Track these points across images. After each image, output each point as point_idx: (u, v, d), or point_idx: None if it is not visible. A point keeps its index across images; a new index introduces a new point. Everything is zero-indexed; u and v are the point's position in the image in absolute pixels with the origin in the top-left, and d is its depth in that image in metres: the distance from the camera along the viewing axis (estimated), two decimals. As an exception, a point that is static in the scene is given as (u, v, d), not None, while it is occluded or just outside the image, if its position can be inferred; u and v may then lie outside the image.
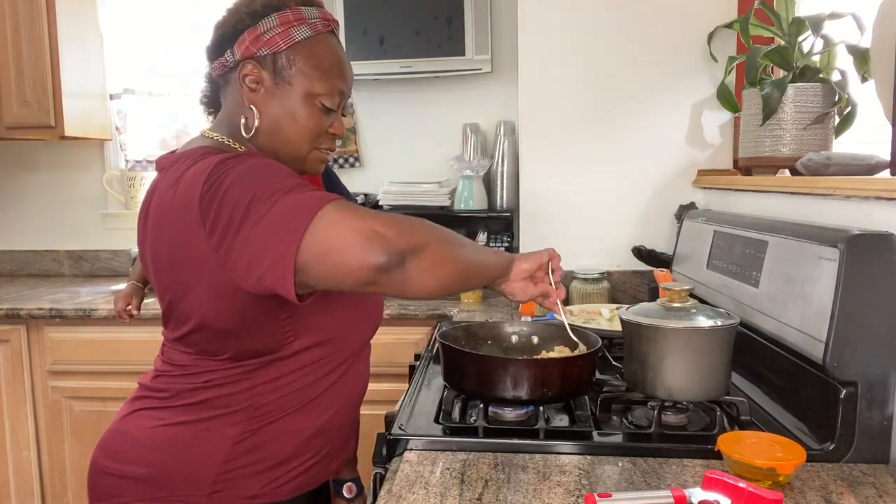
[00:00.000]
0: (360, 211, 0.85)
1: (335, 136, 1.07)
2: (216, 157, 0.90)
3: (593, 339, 1.17)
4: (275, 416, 1.01)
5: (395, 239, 0.83)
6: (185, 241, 0.91)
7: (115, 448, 1.04)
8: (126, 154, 2.78)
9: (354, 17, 2.38)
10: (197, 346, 1.00)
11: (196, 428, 0.99)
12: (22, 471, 2.26)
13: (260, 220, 0.83)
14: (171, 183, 0.94)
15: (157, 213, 0.97)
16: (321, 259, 0.81)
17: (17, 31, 2.40)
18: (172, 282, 0.98)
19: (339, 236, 0.81)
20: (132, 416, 1.05)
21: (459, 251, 0.95)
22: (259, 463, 1.00)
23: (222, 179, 0.87)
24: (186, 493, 0.99)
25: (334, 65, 1.03)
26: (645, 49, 1.99)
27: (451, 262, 0.93)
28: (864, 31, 1.45)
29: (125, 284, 1.79)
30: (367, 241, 0.81)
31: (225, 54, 1.02)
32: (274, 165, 0.92)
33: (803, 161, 1.39)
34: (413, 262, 0.86)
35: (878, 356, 0.96)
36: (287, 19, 1.00)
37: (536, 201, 2.09)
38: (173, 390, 1.02)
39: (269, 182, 0.86)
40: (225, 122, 1.05)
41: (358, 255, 0.80)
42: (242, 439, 0.99)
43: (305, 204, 0.83)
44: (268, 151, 1.03)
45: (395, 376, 1.86)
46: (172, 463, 0.99)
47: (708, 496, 0.78)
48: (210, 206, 0.87)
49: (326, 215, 0.82)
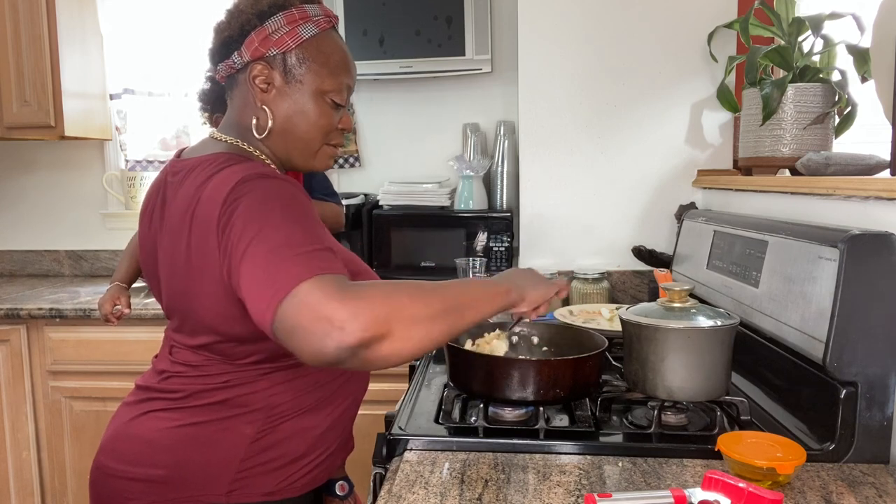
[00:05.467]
0: (334, 292, 0.78)
1: (344, 130, 1.09)
2: (238, 174, 0.91)
3: (599, 339, 1.17)
4: (291, 414, 1.02)
5: (355, 331, 0.76)
6: (203, 252, 0.92)
7: (125, 451, 1.03)
8: (126, 154, 2.78)
9: (354, 17, 2.38)
10: (222, 353, 1.00)
11: (214, 428, 0.99)
12: (22, 471, 2.26)
13: (253, 263, 0.83)
14: (192, 190, 0.95)
15: (177, 218, 0.98)
16: (288, 335, 0.79)
17: (17, 31, 2.40)
18: (187, 288, 0.98)
19: (303, 321, 0.77)
20: (142, 419, 1.03)
21: (439, 316, 0.85)
22: (275, 460, 1.01)
23: (237, 203, 0.88)
24: (204, 493, 0.99)
25: (341, 61, 1.05)
26: (645, 49, 1.99)
27: (427, 329, 0.84)
28: (864, 31, 1.45)
29: (107, 288, 1.75)
30: (325, 335, 0.76)
31: (231, 56, 1.02)
32: (286, 197, 0.90)
33: (803, 161, 1.39)
34: (380, 344, 0.79)
35: (878, 356, 0.96)
36: (293, 18, 1.01)
37: (536, 201, 2.09)
38: (188, 391, 1.01)
39: (274, 221, 0.86)
40: (234, 123, 1.06)
41: (316, 346, 0.77)
42: (259, 437, 1.00)
43: (288, 273, 0.80)
44: (279, 150, 1.05)
45: (396, 376, 1.86)
46: (189, 463, 0.99)
47: (708, 496, 0.78)
48: (225, 227, 0.88)
49: (300, 293, 0.78)
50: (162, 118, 2.77)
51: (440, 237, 2.33)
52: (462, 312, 0.88)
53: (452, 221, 2.34)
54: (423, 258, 2.34)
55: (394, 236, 2.35)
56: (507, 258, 2.29)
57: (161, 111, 2.76)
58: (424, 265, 2.34)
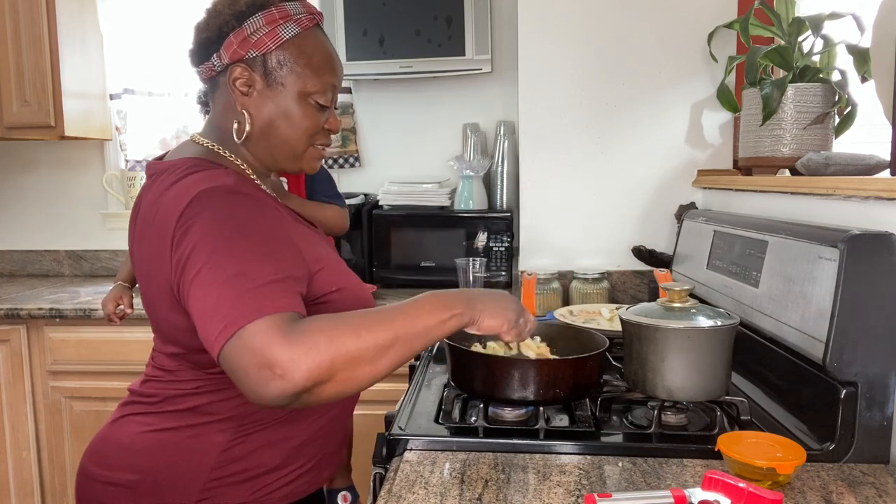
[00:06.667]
0: (277, 337, 0.76)
1: (330, 131, 1.06)
2: (197, 185, 0.89)
3: (600, 339, 1.17)
4: (264, 423, 1.00)
5: (296, 380, 0.75)
6: (159, 262, 0.91)
7: (103, 454, 1.03)
8: (126, 154, 2.78)
9: (354, 17, 2.38)
10: (190, 361, 0.98)
11: (184, 434, 0.98)
12: (22, 471, 2.26)
13: (203, 292, 0.81)
14: (156, 196, 0.94)
15: (143, 224, 0.97)
16: (232, 374, 0.79)
17: (17, 31, 2.40)
18: (149, 294, 0.98)
19: (244, 366, 0.76)
20: (121, 422, 1.04)
21: (385, 350, 0.82)
22: (248, 471, 0.99)
23: (193, 221, 0.86)
24: (173, 501, 0.97)
25: (324, 61, 1.01)
26: (645, 49, 1.99)
27: (372, 366, 0.82)
28: (864, 31, 1.45)
29: (111, 287, 1.77)
30: (267, 382, 0.75)
31: (211, 58, 1.00)
32: (245, 217, 0.88)
33: (803, 161, 1.39)
34: (322, 387, 0.78)
35: (878, 356, 0.96)
36: (273, 18, 0.97)
37: (536, 201, 2.09)
38: (161, 395, 1.00)
39: (227, 247, 0.83)
40: (214, 126, 1.04)
41: (258, 391, 0.77)
42: (231, 447, 0.98)
43: (234, 311, 0.78)
44: (261, 154, 1.03)
45: (395, 376, 1.84)
46: (160, 469, 0.98)
47: (708, 496, 0.78)
48: (179, 244, 0.86)
49: (245, 335, 0.76)
50: (162, 118, 2.77)
51: (440, 237, 2.33)
52: (410, 343, 0.84)
53: (452, 221, 2.34)
54: (423, 258, 2.34)
55: (394, 236, 2.35)
56: (507, 258, 2.29)
57: (161, 111, 2.76)
58: (424, 265, 2.34)
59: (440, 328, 0.88)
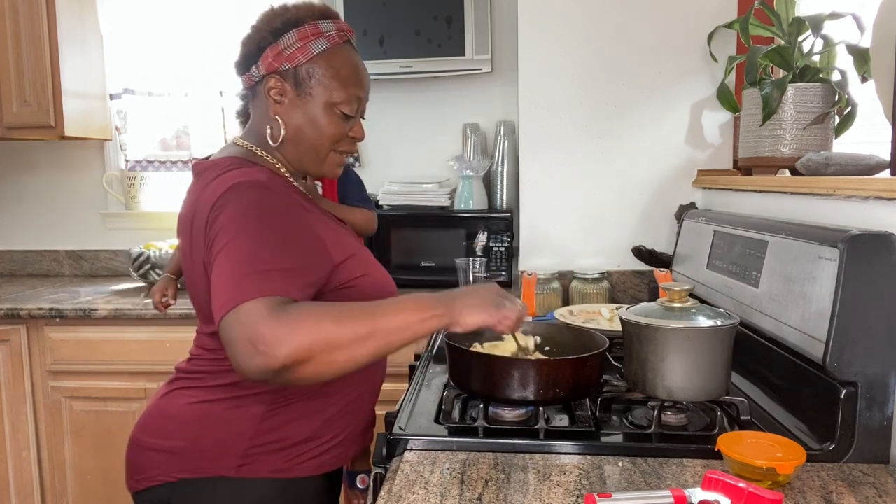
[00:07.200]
0: (268, 316, 0.84)
1: (355, 138, 1.16)
2: (232, 179, 1.00)
3: (600, 339, 1.17)
4: (297, 397, 1.08)
5: (278, 357, 0.83)
6: (198, 244, 1.02)
7: (153, 424, 1.13)
8: (126, 154, 2.78)
9: (354, 17, 2.38)
10: None
11: (226, 405, 1.07)
12: (22, 471, 2.26)
13: (220, 269, 0.91)
14: (199, 190, 1.05)
15: (187, 214, 1.08)
16: (225, 345, 0.87)
17: (17, 31, 2.40)
18: (192, 279, 1.08)
19: (234, 338, 0.85)
20: (169, 396, 1.13)
21: (363, 341, 0.88)
22: (283, 440, 1.07)
23: (222, 209, 0.97)
24: (217, 466, 1.06)
25: (351, 74, 1.12)
26: (645, 49, 1.99)
27: (348, 353, 0.87)
28: (864, 31, 1.45)
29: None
30: (251, 356, 0.84)
31: (251, 69, 1.12)
32: (269, 210, 0.98)
33: (803, 161, 1.39)
34: (302, 367, 0.85)
35: (878, 356, 0.96)
36: (305, 34, 1.09)
37: (536, 201, 2.09)
38: (205, 371, 1.10)
39: (247, 234, 0.93)
40: (254, 131, 1.15)
41: (242, 363, 0.85)
42: (267, 417, 1.07)
43: (239, 288, 0.87)
44: (291, 157, 1.13)
45: (396, 376, 1.85)
46: (204, 437, 1.07)
47: (708, 496, 0.78)
48: (210, 228, 0.97)
49: (241, 311, 0.85)
50: (162, 118, 2.77)
51: (440, 237, 2.33)
52: (388, 337, 0.90)
53: (452, 221, 2.34)
54: (424, 258, 2.34)
55: (394, 236, 2.35)
56: (507, 258, 2.29)
57: (161, 111, 2.76)
58: (424, 265, 2.34)
59: (419, 326, 0.92)
